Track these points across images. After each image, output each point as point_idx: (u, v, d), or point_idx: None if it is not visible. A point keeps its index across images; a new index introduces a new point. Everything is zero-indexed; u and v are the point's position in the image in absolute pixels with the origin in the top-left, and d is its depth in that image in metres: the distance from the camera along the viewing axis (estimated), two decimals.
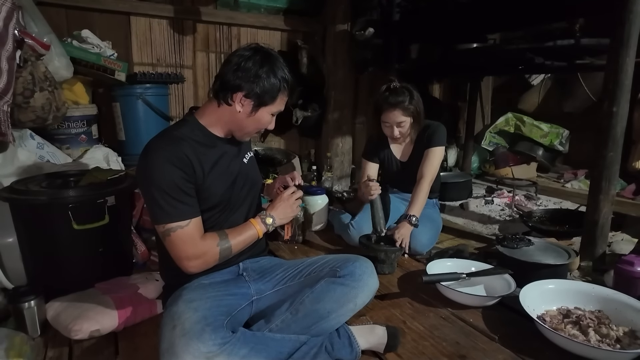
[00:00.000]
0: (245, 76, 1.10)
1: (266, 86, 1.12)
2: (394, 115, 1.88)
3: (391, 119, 1.89)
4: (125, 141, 2.48)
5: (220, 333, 0.98)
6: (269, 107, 1.17)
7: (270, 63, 1.13)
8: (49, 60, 1.70)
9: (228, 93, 1.13)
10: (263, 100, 1.14)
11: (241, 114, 1.15)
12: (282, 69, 1.15)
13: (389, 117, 1.89)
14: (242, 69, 1.10)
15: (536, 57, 2.13)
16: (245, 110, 1.15)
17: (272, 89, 1.13)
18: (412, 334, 1.33)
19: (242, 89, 1.11)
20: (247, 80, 1.11)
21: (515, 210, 2.56)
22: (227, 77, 1.12)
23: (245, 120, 1.17)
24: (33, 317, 1.31)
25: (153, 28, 2.76)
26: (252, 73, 1.10)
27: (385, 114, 1.90)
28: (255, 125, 1.20)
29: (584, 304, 1.38)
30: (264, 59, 1.12)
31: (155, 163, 1.06)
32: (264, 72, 1.11)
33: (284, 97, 1.19)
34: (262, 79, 1.11)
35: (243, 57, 1.12)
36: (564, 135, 3.53)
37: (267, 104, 1.16)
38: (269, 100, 1.15)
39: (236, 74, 1.11)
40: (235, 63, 1.11)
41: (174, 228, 1.07)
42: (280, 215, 1.26)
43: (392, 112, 1.88)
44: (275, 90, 1.14)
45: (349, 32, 2.96)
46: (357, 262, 1.23)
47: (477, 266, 1.67)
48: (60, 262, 1.49)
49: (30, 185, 1.49)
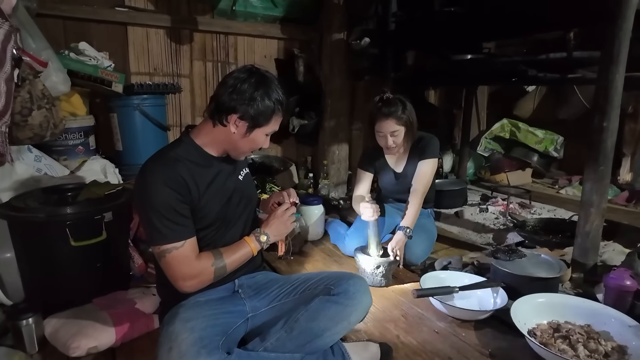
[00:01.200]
0: (240, 98, 1.12)
1: (260, 108, 1.14)
2: (387, 125, 1.91)
3: (384, 129, 1.91)
4: (122, 152, 2.49)
5: (216, 355, 1.00)
6: (263, 129, 1.19)
7: (265, 85, 1.15)
8: (47, 75, 1.71)
9: (223, 114, 1.15)
10: (257, 122, 1.16)
11: (236, 135, 1.17)
12: (277, 91, 1.17)
13: (382, 127, 1.92)
14: (237, 91, 1.12)
15: (529, 69, 2.15)
16: (240, 131, 1.17)
17: (266, 111, 1.15)
18: (405, 349, 1.35)
19: (237, 111, 1.13)
20: (242, 103, 1.13)
21: (509, 219, 2.59)
22: (223, 98, 1.14)
23: (240, 141, 1.19)
24: (31, 334, 1.32)
25: (150, 38, 2.78)
26: (247, 95, 1.12)
27: (378, 124, 1.93)
28: (249, 145, 1.22)
29: (574, 318, 1.41)
30: (259, 82, 1.14)
31: (151, 185, 1.08)
32: (259, 94, 1.13)
33: (279, 118, 1.21)
34: (257, 102, 1.13)
35: (238, 80, 1.14)
36: (558, 141, 3.56)
37: (262, 125, 1.18)
38: (263, 122, 1.17)
39: (231, 96, 1.13)
40: (231, 85, 1.13)
41: (169, 249, 1.09)
42: (274, 233, 1.28)
43: (385, 122, 1.90)
44: (270, 112, 1.16)
45: (345, 40, 2.98)
46: (351, 280, 1.25)
47: (471, 279, 1.70)
48: (58, 278, 1.51)
49: (28, 201, 1.51)
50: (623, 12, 1.52)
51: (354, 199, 2.09)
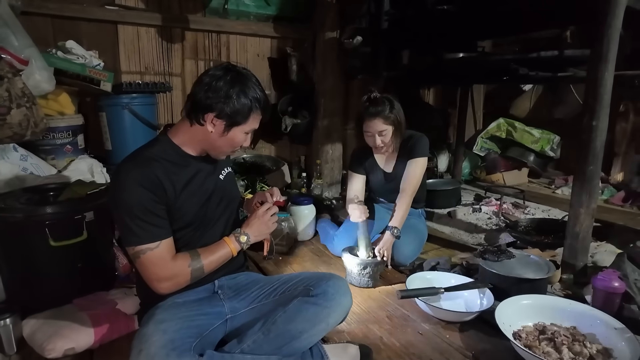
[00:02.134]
0: (216, 96, 1.10)
1: (237, 106, 1.12)
2: (374, 124, 1.89)
3: (372, 128, 1.90)
4: (111, 151, 2.47)
5: (186, 358, 0.98)
6: (241, 127, 1.16)
7: (241, 83, 1.12)
8: (30, 74, 1.70)
9: (199, 113, 1.12)
10: (235, 121, 1.14)
11: (213, 134, 1.15)
12: (254, 89, 1.15)
13: (370, 127, 1.90)
14: (212, 88, 1.10)
15: (520, 67, 2.13)
16: (218, 130, 1.15)
17: (243, 109, 1.13)
18: (387, 351, 1.33)
19: (213, 110, 1.11)
20: (218, 101, 1.10)
21: (502, 219, 2.56)
22: (198, 97, 1.12)
23: (218, 140, 1.17)
24: (9, 335, 1.31)
25: (141, 36, 2.76)
26: (222, 93, 1.10)
27: (366, 123, 1.91)
28: (228, 144, 1.19)
29: (560, 320, 1.38)
30: (235, 79, 1.12)
31: (125, 185, 1.06)
32: (235, 92, 1.11)
33: (257, 115, 1.19)
34: (233, 99, 1.11)
35: (214, 77, 1.11)
36: (554, 141, 3.53)
37: (239, 123, 1.15)
38: (241, 120, 1.15)
39: (207, 94, 1.10)
40: (206, 83, 1.11)
41: (143, 250, 1.07)
42: (255, 233, 1.26)
43: (372, 121, 1.89)
44: (247, 110, 1.14)
45: (338, 39, 2.95)
46: (330, 280, 1.23)
47: (458, 279, 1.68)
48: (38, 278, 1.49)
49: (8, 201, 1.49)
50: (612, 10, 1.50)
51: (347, 201, 2.06)
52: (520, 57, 2.19)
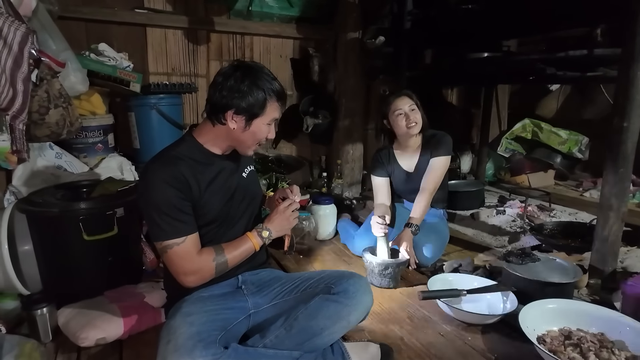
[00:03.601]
0: (230, 94, 1.14)
1: (251, 99, 1.15)
2: (403, 101, 1.92)
3: (402, 104, 1.92)
4: (140, 149, 2.56)
5: (212, 349, 1.01)
6: (261, 118, 1.18)
7: (251, 76, 1.15)
8: (65, 76, 1.78)
9: (219, 113, 1.17)
10: (253, 113, 1.16)
11: (236, 130, 1.19)
12: (265, 79, 1.17)
13: (399, 104, 1.92)
14: (225, 87, 1.14)
15: (548, 67, 2.08)
16: (239, 125, 1.18)
17: (258, 100, 1.15)
18: (408, 351, 1.33)
19: (231, 107, 1.15)
20: (233, 97, 1.14)
21: (526, 222, 2.51)
22: (215, 98, 1.16)
23: (242, 135, 1.20)
24: (45, 324, 1.38)
25: (168, 39, 2.84)
26: (235, 89, 1.14)
27: (394, 104, 1.93)
28: (253, 137, 1.21)
29: (587, 326, 1.35)
30: (245, 74, 1.15)
31: (153, 183, 1.10)
32: (246, 86, 1.14)
33: (275, 104, 1.20)
34: (246, 93, 1.14)
35: (225, 76, 1.16)
36: (583, 142, 3.41)
37: (258, 115, 1.17)
38: (258, 112, 1.17)
39: (222, 94, 1.15)
40: (219, 83, 1.16)
41: (170, 245, 1.11)
42: (276, 228, 1.28)
43: (401, 99, 1.93)
44: (262, 100, 1.16)
45: (360, 40, 2.96)
46: (351, 279, 1.24)
47: (481, 282, 1.66)
48: (72, 270, 1.57)
49: (46, 196, 1.57)
50: None
51: (377, 208, 2.05)
52: (547, 57, 2.13)
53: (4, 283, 1.54)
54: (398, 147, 2.09)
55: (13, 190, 1.86)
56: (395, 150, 2.10)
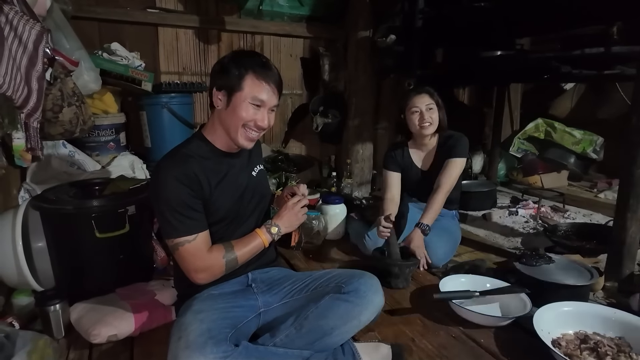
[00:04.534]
0: (214, 73, 1.19)
1: (230, 75, 1.14)
2: (422, 99, 1.91)
3: (419, 102, 1.90)
4: (151, 148, 2.58)
5: (222, 347, 1.01)
6: (240, 94, 1.14)
7: (237, 56, 1.18)
8: (79, 74, 1.80)
9: (210, 96, 1.20)
10: (231, 86, 1.14)
11: (221, 110, 1.18)
12: (251, 58, 1.18)
13: (416, 102, 1.91)
14: (214, 70, 1.19)
15: (562, 65, 2.04)
16: (223, 103, 1.18)
17: (236, 73, 1.14)
18: (419, 352, 1.31)
19: (214, 85, 1.18)
20: (215, 76, 1.18)
21: (540, 223, 2.47)
22: (210, 82, 1.20)
23: (226, 115, 1.17)
24: (58, 320, 1.39)
25: (179, 38, 2.86)
26: (218, 69, 1.18)
27: (412, 100, 1.92)
28: (235, 116, 1.15)
29: (604, 330, 1.32)
30: (232, 56, 1.18)
31: (165, 181, 1.11)
32: (226, 63, 1.16)
33: (255, 80, 1.14)
34: (226, 69, 1.16)
35: (218, 62, 1.20)
36: (598, 142, 3.35)
37: (235, 89, 1.14)
38: (236, 85, 1.14)
39: (212, 76, 1.19)
40: (213, 69, 1.20)
41: (181, 242, 1.11)
42: (285, 224, 1.28)
43: (419, 96, 1.91)
44: (240, 74, 1.14)
45: (370, 38, 2.94)
46: (362, 278, 1.23)
47: (493, 283, 1.63)
48: (84, 267, 1.58)
49: (59, 194, 1.59)
50: None
51: (386, 201, 2.03)
52: (563, 55, 2.09)
53: (18, 279, 1.56)
54: (413, 145, 2.08)
55: (27, 187, 1.89)
56: (410, 148, 2.08)
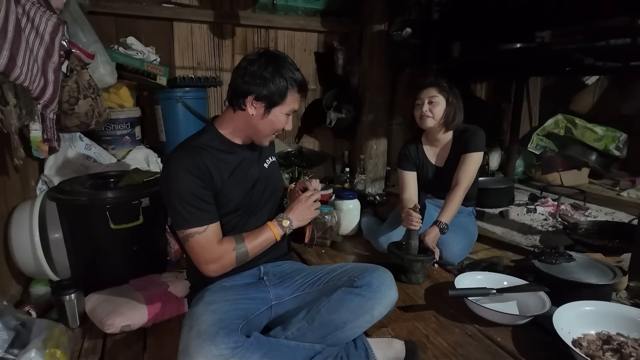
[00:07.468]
0: (252, 80, 1.13)
1: (273, 87, 1.14)
2: (427, 91, 1.88)
3: (425, 94, 1.88)
4: (165, 142, 2.60)
5: (234, 337, 1.00)
6: (280, 107, 1.18)
7: (275, 64, 1.14)
8: (95, 68, 1.82)
9: (240, 98, 1.16)
10: (273, 101, 1.16)
11: (255, 117, 1.18)
12: (289, 69, 1.16)
13: (423, 93, 1.89)
14: (248, 73, 1.14)
15: (585, 57, 1.96)
16: (258, 112, 1.17)
17: (280, 88, 1.15)
18: (434, 349, 1.28)
19: (251, 93, 1.14)
20: (254, 84, 1.13)
21: (559, 221, 2.39)
22: (237, 83, 1.16)
23: (260, 123, 1.19)
24: (73, 309, 1.41)
25: (194, 33, 2.87)
26: (257, 76, 1.13)
27: (420, 92, 1.90)
28: (270, 126, 1.20)
29: (628, 331, 1.27)
30: (269, 61, 1.14)
31: (175, 173, 1.11)
32: (269, 73, 1.13)
33: (295, 95, 1.19)
34: (268, 80, 1.13)
35: (249, 62, 1.15)
36: (620, 139, 3.24)
37: (278, 104, 1.17)
38: (278, 100, 1.16)
39: (244, 79, 1.14)
40: (242, 68, 1.15)
41: (192, 234, 1.11)
42: (297, 218, 1.27)
43: (427, 89, 1.89)
44: (283, 89, 1.15)
45: (386, 32, 2.90)
46: (375, 272, 1.21)
47: (511, 281, 1.59)
48: (99, 258, 1.60)
49: (75, 185, 1.61)
50: None
51: (404, 202, 1.96)
52: (585, 46, 2.01)
53: (36, 269, 1.59)
54: (427, 141, 2.03)
55: (45, 179, 1.92)
56: (424, 144, 2.04)
